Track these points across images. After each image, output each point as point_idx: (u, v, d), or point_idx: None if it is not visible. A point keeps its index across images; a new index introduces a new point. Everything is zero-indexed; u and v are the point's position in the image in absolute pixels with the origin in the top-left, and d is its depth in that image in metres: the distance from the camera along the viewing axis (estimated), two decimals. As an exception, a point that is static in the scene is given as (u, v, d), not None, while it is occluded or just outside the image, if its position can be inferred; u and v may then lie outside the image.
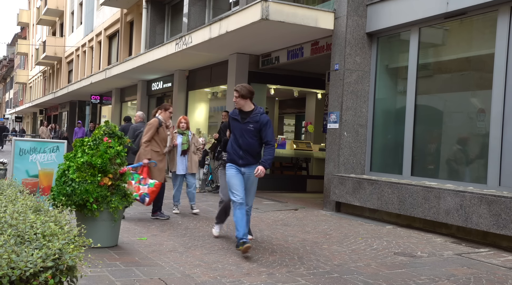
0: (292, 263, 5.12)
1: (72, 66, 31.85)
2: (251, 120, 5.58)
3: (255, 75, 12.24)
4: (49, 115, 39.66)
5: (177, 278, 4.43)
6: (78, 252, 2.27)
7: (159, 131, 7.56)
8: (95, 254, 4.73)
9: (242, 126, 5.59)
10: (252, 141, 5.56)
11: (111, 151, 5.45)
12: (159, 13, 17.43)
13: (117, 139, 5.64)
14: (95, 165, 5.36)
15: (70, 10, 32.50)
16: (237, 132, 5.61)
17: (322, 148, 12.56)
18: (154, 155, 7.46)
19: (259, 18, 8.45)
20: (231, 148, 5.66)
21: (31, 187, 6.71)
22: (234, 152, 5.61)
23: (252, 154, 5.59)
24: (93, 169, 5.38)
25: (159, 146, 7.55)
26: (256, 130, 5.54)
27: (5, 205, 3.00)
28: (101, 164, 5.36)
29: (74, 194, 5.27)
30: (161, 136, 7.57)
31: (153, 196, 7.11)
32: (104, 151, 5.42)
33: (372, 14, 8.83)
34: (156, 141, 7.53)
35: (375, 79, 9.03)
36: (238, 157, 5.57)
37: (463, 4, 7.22)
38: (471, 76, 7.72)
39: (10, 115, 62.94)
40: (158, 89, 17.37)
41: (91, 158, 5.38)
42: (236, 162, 5.59)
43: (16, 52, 55.16)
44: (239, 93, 5.59)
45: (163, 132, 7.63)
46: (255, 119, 5.58)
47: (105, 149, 5.44)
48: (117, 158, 5.50)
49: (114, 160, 5.49)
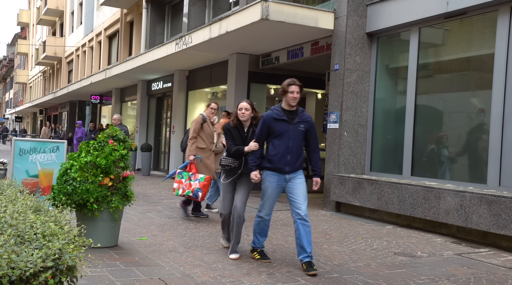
0: (292, 263, 5.12)
1: (72, 66, 31.85)
2: (301, 119, 4.96)
3: (255, 75, 12.24)
4: (49, 115, 39.66)
5: (177, 278, 4.43)
6: (78, 252, 2.27)
7: (204, 128, 7.60)
8: (95, 254, 4.73)
9: (292, 128, 4.92)
10: (301, 145, 4.99)
11: (115, 153, 5.46)
12: (159, 13, 17.43)
13: (121, 143, 5.64)
14: (99, 166, 5.37)
15: (70, 10, 32.50)
16: (284, 135, 4.90)
17: (322, 148, 12.54)
18: (200, 151, 7.50)
19: (259, 18, 8.45)
20: (274, 155, 4.91)
21: (31, 187, 6.71)
22: (279, 159, 4.89)
23: (300, 159, 5.00)
24: (96, 169, 5.39)
25: (205, 142, 7.58)
26: (305, 131, 4.97)
27: (5, 205, 3.00)
28: (105, 165, 5.37)
29: (74, 193, 5.27)
30: (206, 133, 7.61)
31: (205, 190, 7.09)
32: (109, 153, 5.43)
33: (372, 14, 8.83)
34: (202, 138, 7.57)
35: (375, 79, 9.03)
36: (285, 163, 4.90)
37: (463, 4, 7.22)
38: (471, 76, 7.72)
39: (10, 115, 62.95)
40: (158, 89, 17.36)
41: (95, 158, 5.39)
42: (282, 169, 4.92)
43: (16, 52, 55.17)
44: (300, 88, 4.97)
45: (208, 129, 7.64)
46: (304, 118, 4.99)
47: (110, 151, 5.45)
48: (121, 161, 5.50)
49: (118, 163, 5.49)
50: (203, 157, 7.48)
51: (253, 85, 12.28)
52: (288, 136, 4.90)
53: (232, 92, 12.08)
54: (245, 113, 5.32)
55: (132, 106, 21.31)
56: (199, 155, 7.45)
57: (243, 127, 5.36)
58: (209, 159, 7.59)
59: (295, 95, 4.89)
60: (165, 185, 13.03)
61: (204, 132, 7.59)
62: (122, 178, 5.52)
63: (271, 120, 4.93)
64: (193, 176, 7.13)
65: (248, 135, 5.33)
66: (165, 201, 9.71)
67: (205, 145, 7.57)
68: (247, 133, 5.36)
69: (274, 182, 4.97)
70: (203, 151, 7.53)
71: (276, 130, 4.91)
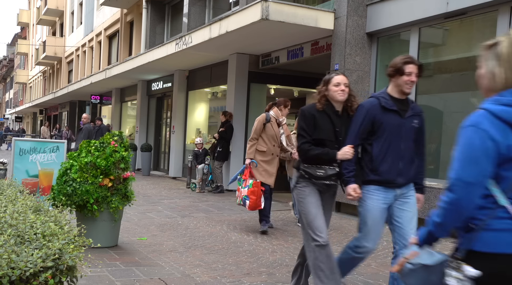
0: (292, 263, 5.11)
1: (72, 66, 31.85)
2: (414, 112, 3.58)
3: (255, 75, 12.24)
4: (49, 115, 39.66)
5: (177, 278, 4.43)
6: (78, 252, 2.27)
7: (266, 128, 6.67)
8: (95, 254, 4.73)
9: (403, 123, 3.50)
10: (413, 147, 3.57)
11: (116, 155, 5.45)
12: (159, 13, 17.43)
13: (122, 145, 5.63)
14: (99, 166, 5.36)
15: (70, 10, 32.50)
16: (394, 133, 3.47)
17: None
18: (259, 155, 6.63)
19: (259, 18, 8.45)
20: (381, 161, 3.47)
21: (31, 187, 6.70)
22: (389, 167, 3.46)
23: (414, 167, 3.58)
24: (95, 170, 5.38)
25: (266, 145, 6.67)
26: (417, 129, 3.59)
27: (5, 205, 3.00)
28: (105, 166, 5.36)
29: (74, 194, 5.26)
30: (268, 134, 6.68)
31: (253, 198, 6.20)
32: (110, 154, 5.43)
33: (372, 14, 8.84)
34: (263, 139, 6.67)
35: (375, 79, 9.03)
36: (396, 172, 3.47)
37: (463, 4, 7.22)
38: (471, 76, 7.72)
39: (10, 115, 62.95)
40: (158, 89, 17.37)
41: (96, 159, 5.39)
42: (392, 181, 3.47)
43: (16, 52, 55.17)
44: (420, 69, 3.53)
45: (271, 130, 6.69)
46: (417, 111, 3.63)
47: (110, 152, 5.45)
48: (121, 163, 5.50)
49: (118, 164, 5.49)
50: (263, 161, 6.61)
51: (253, 85, 12.28)
52: (400, 134, 3.48)
53: (232, 92, 12.08)
54: (346, 91, 3.64)
55: (132, 106, 21.31)
56: (259, 158, 6.59)
57: (336, 113, 3.68)
58: (270, 164, 6.68)
59: (413, 79, 3.47)
60: (165, 185, 13.04)
61: (266, 134, 6.67)
62: (123, 179, 5.52)
63: (377, 110, 3.48)
64: (244, 182, 6.46)
65: (342, 126, 3.65)
66: (165, 201, 9.71)
67: (266, 148, 6.65)
68: (341, 123, 3.66)
69: (380, 201, 3.50)
70: (263, 154, 6.64)
71: (384, 125, 3.47)
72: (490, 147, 1.92)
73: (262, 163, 6.60)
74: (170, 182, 14.00)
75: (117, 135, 5.66)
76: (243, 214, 8.27)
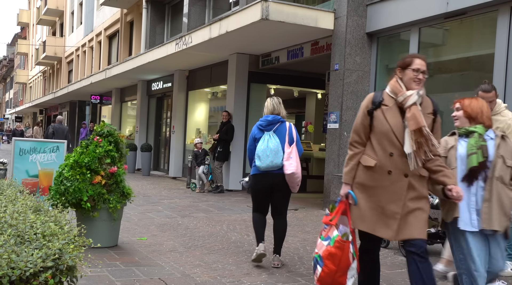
0: (292, 263, 5.12)
1: (72, 66, 31.85)
2: None
3: (255, 75, 12.24)
4: (49, 115, 39.66)
5: (177, 278, 4.43)
6: (78, 252, 2.27)
7: (375, 120, 3.53)
8: (95, 254, 4.73)
9: None
10: None
11: (99, 150, 5.48)
12: (159, 13, 17.43)
13: (109, 139, 5.66)
14: (81, 163, 5.40)
15: (70, 10, 32.50)
16: None
17: (322, 148, 12.55)
18: (364, 174, 3.46)
19: (259, 18, 8.45)
20: None
21: (31, 187, 6.70)
22: None
23: None
24: (80, 167, 5.42)
25: (375, 153, 3.46)
26: None
27: (5, 205, 3.00)
28: (88, 162, 5.39)
29: (67, 192, 5.30)
30: (378, 131, 3.50)
31: (330, 265, 3.40)
32: (93, 150, 5.47)
33: (372, 14, 8.84)
34: (372, 144, 3.53)
35: (375, 79, 9.03)
36: None
37: (463, 4, 7.22)
38: (471, 76, 7.72)
39: (10, 115, 62.96)
40: (158, 89, 17.37)
41: (79, 157, 5.44)
42: None
43: (16, 52, 55.17)
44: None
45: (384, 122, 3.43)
46: None
47: (93, 148, 5.49)
48: (106, 158, 5.52)
49: (104, 160, 5.51)
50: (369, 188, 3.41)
51: (253, 85, 12.27)
52: None
53: (232, 92, 12.08)
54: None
55: (132, 106, 21.32)
56: (363, 181, 3.44)
57: None
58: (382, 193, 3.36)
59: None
60: (165, 185, 13.03)
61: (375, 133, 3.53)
62: (110, 174, 5.51)
63: None
64: (326, 229, 3.57)
65: None
66: (165, 201, 9.71)
67: (376, 160, 3.42)
68: None
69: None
70: (371, 174, 3.42)
71: None
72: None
73: (366, 191, 3.41)
74: (170, 182, 13.99)
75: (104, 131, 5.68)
76: (243, 214, 8.27)
